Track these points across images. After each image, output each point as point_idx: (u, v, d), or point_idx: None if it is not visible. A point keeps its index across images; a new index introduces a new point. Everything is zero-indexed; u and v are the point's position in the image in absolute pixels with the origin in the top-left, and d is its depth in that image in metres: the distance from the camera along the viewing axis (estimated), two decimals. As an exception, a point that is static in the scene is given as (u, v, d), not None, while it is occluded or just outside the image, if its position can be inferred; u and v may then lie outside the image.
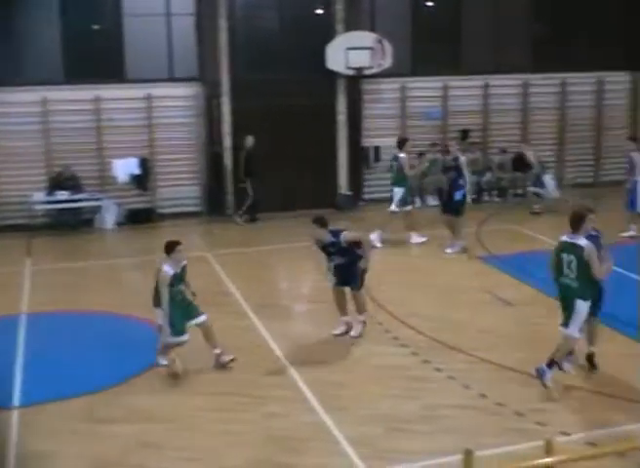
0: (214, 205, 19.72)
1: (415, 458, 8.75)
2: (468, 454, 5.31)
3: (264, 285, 14.91)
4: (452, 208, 16.49)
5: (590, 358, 10.81)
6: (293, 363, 11.19)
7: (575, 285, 10.04)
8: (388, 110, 20.83)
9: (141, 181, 19.26)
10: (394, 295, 13.99)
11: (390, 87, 20.68)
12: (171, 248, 10.81)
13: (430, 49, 21.14)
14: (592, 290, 10.11)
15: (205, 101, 19.52)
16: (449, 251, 16.41)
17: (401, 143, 17.39)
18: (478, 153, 20.94)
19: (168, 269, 10.68)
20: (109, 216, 19.07)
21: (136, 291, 14.70)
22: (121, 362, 11.30)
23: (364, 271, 12.05)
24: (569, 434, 9.04)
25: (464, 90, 21.16)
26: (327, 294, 13.66)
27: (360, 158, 20.40)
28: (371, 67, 19.61)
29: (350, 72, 19.59)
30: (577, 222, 10.06)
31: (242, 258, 16.48)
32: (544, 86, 21.75)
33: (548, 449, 5.57)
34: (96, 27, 19.48)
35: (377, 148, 20.53)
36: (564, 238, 10.21)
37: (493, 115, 21.43)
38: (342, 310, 12.37)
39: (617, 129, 22.47)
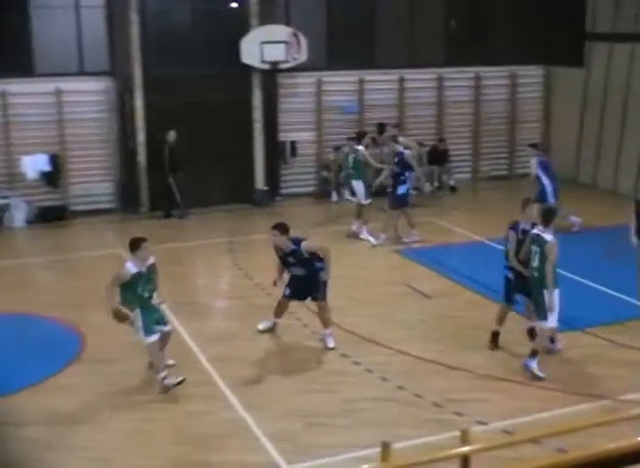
0: (127, 201, 19.34)
1: (334, 452, 8.73)
2: (386, 447, 5.26)
3: (182, 282, 14.66)
4: (396, 201, 16.50)
5: (495, 336, 11.29)
6: (212, 360, 11.06)
7: (537, 275, 10.32)
8: (304, 104, 20.73)
9: (52, 178, 18.75)
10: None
11: (306, 81, 20.59)
12: (135, 245, 10.12)
13: (346, 43, 21.08)
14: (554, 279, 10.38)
15: (117, 96, 19.11)
16: (406, 240, 16.55)
17: (360, 136, 17.51)
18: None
19: (130, 266, 10.00)
20: (19, 215, 18.52)
21: (47, 290, 14.35)
22: (31, 363, 10.96)
23: (325, 283, 11.62)
24: (486, 423, 9.16)
25: (380, 84, 21.19)
26: (245, 291, 13.56)
27: (277, 153, 20.28)
28: (286, 61, 19.47)
29: (266, 66, 19.43)
30: (547, 217, 10.45)
31: (158, 256, 16.09)
32: (459, 80, 21.95)
33: (464, 439, 5.57)
34: (1, 19, 18.85)
35: (293, 143, 20.43)
36: (535, 231, 10.49)
37: (408, 109, 21.53)
38: (278, 315, 12.14)
39: (530, 122, 22.82)
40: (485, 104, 22.31)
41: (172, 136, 18.63)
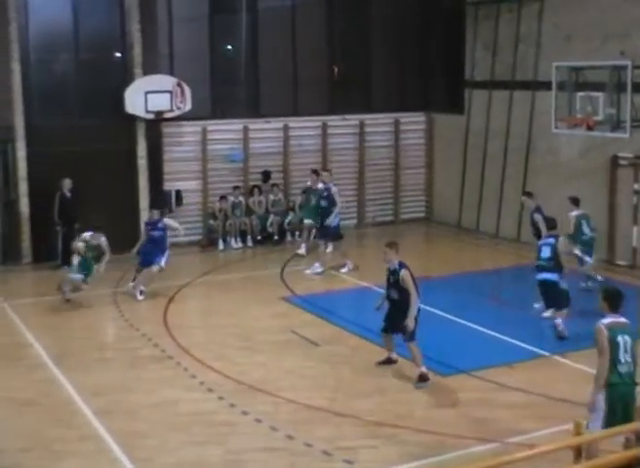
0: (9, 253, 18.76)
1: (220, 506, 8.51)
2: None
3: (65, 335, 14.23)
4: (330, 234, 17.79)
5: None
6: (96, 413, 10.72)
7: None
8: (189, 153, 20.61)
9: None
10: (200, 339, 13.75)
11: (191, 130, 20.51)
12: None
13: (230, 92, 21.20)
14: None
15: (-3, 146, 18.61)
16: (343, 270, 17.72)
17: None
18: (280, 194, 21.07)
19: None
20: None
21: None
22: None
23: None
24: (374, 470, 9.10)
25: (264, 132, 21.29)
26: (129, 342, 13.22)
27: (161, 202, 20.03)
28: (171, 111, 19.38)
29: (150, 116, 19.26)
30: None
31: (42, 308, 15.71)
32: (343, 127, 22.25)
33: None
34: None
35: (178, 192, 20.23)
36: None
37: (293, 156, 21.67)
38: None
39: (414, 168, 23.26)
40: (369, 151, 22.64)
41: (67, 184, 18.24)
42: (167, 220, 17.01)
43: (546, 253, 13.46)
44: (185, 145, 20.59)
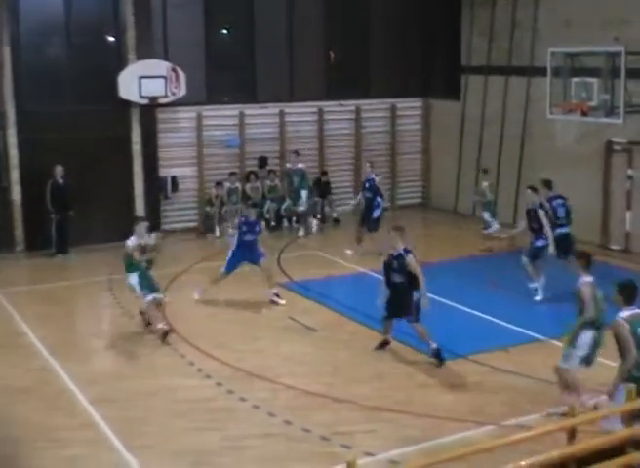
0: (2, 241, 18.65)
1: (221, 492, 8.53)
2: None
3: (60, 323, 14.20)
4: (370, 224, 17.85)
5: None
6: (94, 402, 10.71)
7: None
8: (185, 139, 20.54)
9: None
10: (198, 328, 13.69)
11: (186, 115, 20.43)
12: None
13: (225, 77, 21.11)
14: None
15: (-11, 134, 18.51)
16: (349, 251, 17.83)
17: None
18: (277, 180, 21.03)
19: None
20: None
21: None
22: None
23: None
24: (373, 455, 9.14)
25: (261, 117, 21.23)
26: (125, 329, 13.21)
27: (157, 188, 19.99)
28: (165, 96, 19.29)
29: (144, 101, 19.18)
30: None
31: (36, 296, 15.67)
32: (339, 113, 22.20)
33: (352, 472, 5.54)
34: None
35: (174, 178, 20.18)
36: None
37: (290, 142, 21.61)
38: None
39: (411, 153, 23.23)
40: (366, 137, 22.60)
41: (59, 171, 18.13)
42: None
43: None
44: (181, 131, 20.51)
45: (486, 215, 19.20)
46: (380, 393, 10.91)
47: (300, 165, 20.66)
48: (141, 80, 18.86)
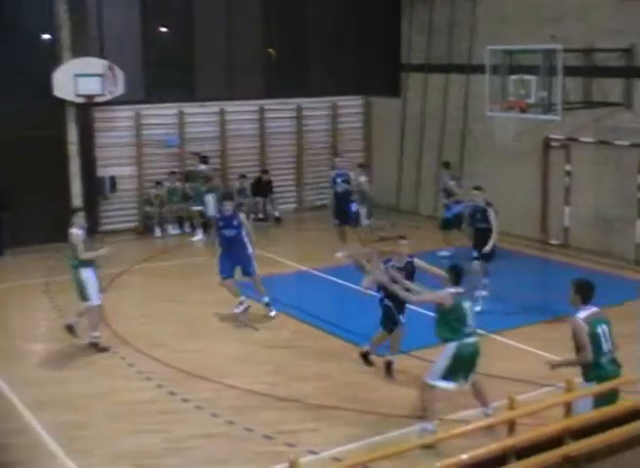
0: None
1: (163, 494, 8.41)
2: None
3: (-4, 326, 13.91)
4: (350, 219, 17.58)
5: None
6: (30, 407, 10.49)
7: None
8: (123, 138, 20.25)
9: None
10: (138, 328, 13.52)
11: (124, 114, 20.15)
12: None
13: (164, 75, 20.84)
14: None
15: None
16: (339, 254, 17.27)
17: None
18: (218, 180, 20.87)
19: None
20: None
21: None
22: None
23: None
24: (317, 453, 9.09)
25: (200, 116, 21.06)
26: (63, 332, 12.96)
27: (95, 189, 19.67)
28: (102, 95, 19.00)
29: (80, 100, 18.86)
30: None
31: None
32: (280, 111, 22.11)
33: (294, 471, 5.48)
34: None
35: (112, 178, 19.89)
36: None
37: (230, 141, 21.47)
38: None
39: (352, 151, 23.22)
40: (307, 135, 22.55)
41: None
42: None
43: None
44: (119, 130, 20.23)
45: (363, 210, 18.97)
46: (324, 391, 10.87)
47: (201, 167, 19.95)
48: (77, 78, 18.53)
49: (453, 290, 9.51)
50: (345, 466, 5.84)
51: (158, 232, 20.01)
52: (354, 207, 17.74)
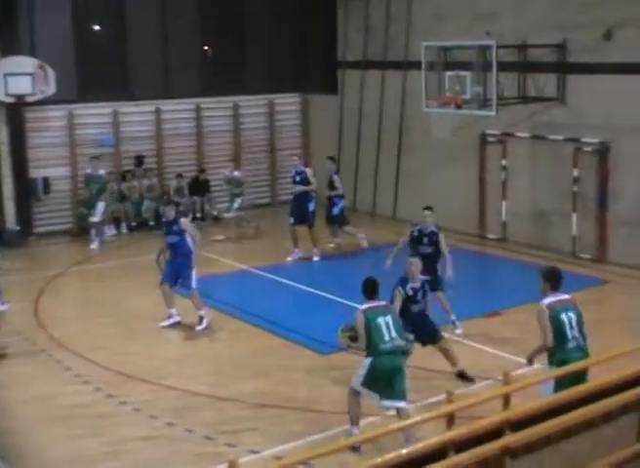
0: None
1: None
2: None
3: None
4: (307, 218, 17.15)
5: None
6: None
7: None
8: (56, 139, 19.84)
9: None
10: (75, 331, 13.29)
11: (56, 114, 19.76)
12: None
13: (97, 74, 20.46)
14: None
15: None
16: (290, 258, 16.97)
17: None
18: (154, 179, 20.63)
19: None
20: None
21: None
22: None
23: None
24: (258, 452, 9.03)
25: (136, 115, 20.77)
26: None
27: (28, 190, 19.29)
28: (33, 94, 18.61)
29: (10, 99, 18.44)
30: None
31: None
32: (216, 109, 21.93)
33: (233, 470, 5.42)
34: None
35: (46, 179, 19.49)
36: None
37: (166, 140, 21.23)
38: None
39: (291, 149, 23.08)
40: (245, 133, 22.42)
41: None
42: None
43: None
44: (51, 130, 19.84)
45: (236, 204, 19.38)
46: (265, 390, 10.80)
47: (101, 171, 19.06)
48: (7, 77, 18.13)
49: (364, 306, 9.26)
50: (286, 464, 5.77)
51: (94, 234, 19.69)
52: (312, 206, 17.30)
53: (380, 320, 9.08)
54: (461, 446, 6.27)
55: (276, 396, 10.56)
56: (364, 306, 9.23)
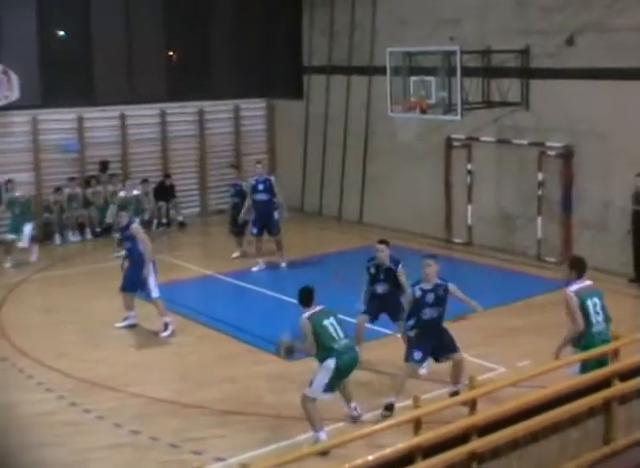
0: None
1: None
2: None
3: None
4: (273, 228, 16.84)
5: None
6: None
7: None
8: (19, 144, 19.66)
9: None
10: (38, 339, 13.14)
11: (20, 119, 19.57)
12: None
13: (62, 79, 20.29)
14: None
15: None
16: (255, 269, 16.66)
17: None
18: (119, 185, 20.46)
19: None
20: None
21: None
22: None
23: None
24: (224, 459, 8.98)
25: (100, 121, 20.62)
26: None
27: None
28: (-4, 99, 18.47)
29: (-27, 106, 18.31)
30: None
31: None
32: (181, 114, 21.84)
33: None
34: None
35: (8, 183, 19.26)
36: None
37: (132, 145, 21.09)
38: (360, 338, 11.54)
39: (256, 154, 23.00)
40: (210, 138, 22.33)
41: None
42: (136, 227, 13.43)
43: None
44: (15, 136, 19.68)
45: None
46: (231, 396, 10.74)
47: (17, 193, 17.85)
48: (-31, 83, 17.96)
49: (306, 314, 9.37)
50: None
51: (58, 239, 19.50)
52: (277, 214, 16.93)
53: (326, 322, 9.36)
54: (429, 451, 6.27)
55: (242, 402, 10.50)
56: (306, 314, 9.39)
